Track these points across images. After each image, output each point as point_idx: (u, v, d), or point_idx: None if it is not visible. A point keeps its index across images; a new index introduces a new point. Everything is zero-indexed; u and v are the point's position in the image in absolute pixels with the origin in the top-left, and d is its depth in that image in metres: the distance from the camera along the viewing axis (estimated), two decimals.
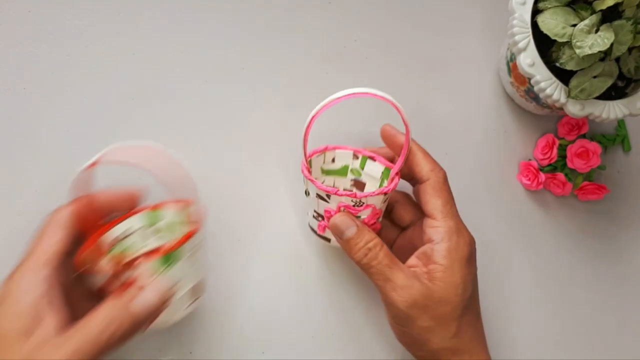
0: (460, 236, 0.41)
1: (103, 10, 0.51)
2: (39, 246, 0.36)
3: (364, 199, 0.40)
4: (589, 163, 0.50)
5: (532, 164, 0.52)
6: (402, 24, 0.54)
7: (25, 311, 0.33)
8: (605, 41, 0.40)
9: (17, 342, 0.32)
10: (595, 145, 0.50)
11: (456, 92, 0.53)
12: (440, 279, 0.40)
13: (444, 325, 0.40)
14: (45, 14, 0.51)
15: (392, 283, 0.39)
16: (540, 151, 0.52)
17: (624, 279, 0.53)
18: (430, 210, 0.42)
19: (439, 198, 0.41)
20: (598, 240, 0.53)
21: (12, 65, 0.50)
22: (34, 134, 0.49)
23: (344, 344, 0.48)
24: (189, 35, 0.51)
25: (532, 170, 0.51)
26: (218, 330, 0.48)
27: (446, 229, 0.41)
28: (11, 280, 0.34)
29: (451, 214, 0.41)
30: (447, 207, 0.41)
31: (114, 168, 0.35)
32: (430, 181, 0.42)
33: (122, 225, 0.39)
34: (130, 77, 0.50)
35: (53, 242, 0.36)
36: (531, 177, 0.51)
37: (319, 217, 0.44)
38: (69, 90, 0.50)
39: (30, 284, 0.34)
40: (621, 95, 0.45)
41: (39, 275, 0.34)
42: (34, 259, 0.35)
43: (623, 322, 0.52)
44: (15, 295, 0.33)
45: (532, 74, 0.44)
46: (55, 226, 0.36)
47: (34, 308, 0.33)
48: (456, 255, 0.40)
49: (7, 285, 0.34)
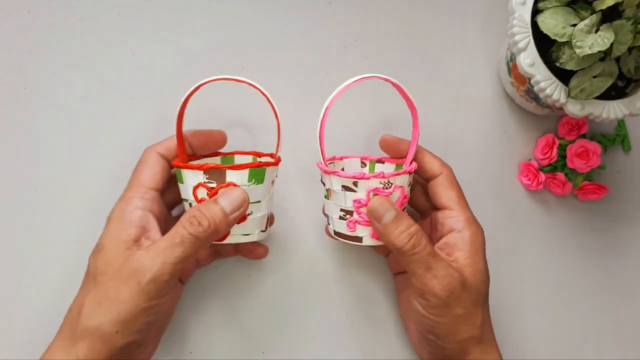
0: (477, 226, 0.42)
1: (103, 11, 0.51)
2: (139, 177, 0.42)
3: (392, 178, 0.40)
4: (588, 163, 0.50)
5: (532, 164, 0.52)
6: (402, 24, 0.54)
7: (133, 224, 0.39)
8: (605, 41, 0.40)
9: (130, 249, 0.38)
10: (595, 145, 0.50)
11: (456, 92, 0.53)
12: (469, 265, 0.40)
13: (473, 313, 0.40)
14: (46, 14, 0.51)
15: (434, 271, 0.39)
16: (540, 151, 0.52)
17: (624, 279, 0.53)
18: (446, 202, 0.43)
19: (453, 190, 0.43)
20: (598, 240, 0.53)
21: (12, 65, 0.50)
22: (33, 133, 0.49)
23: (344, 343, 0.48)
24: (189, 36, 0.51)
25: (532, 170, 0.51)
26: (218, 330, 0.48)
27: (465, 217, 0.42)
28: (119, 204, 0.41)
29: (466, 205, 0.43)
30: (462, 199, 0.43)
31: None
32: (443, 175, 0.43)
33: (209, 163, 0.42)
34: (130, 77, 0.50)
35: (152, 174, 0.42)
36: (531, 177, 0.51)
37: (346, 214, 0.42)
38: (69, 90, 0.50)
39: (136, 204, 0.40)
40: (621, 95, 0.45)
41: (144, 198, 0.41)
42: (136, 187, 0.41)
43: (623, 322, 0.52)
44: (124, 213, 0.40)
45: (532, 74, 0.44)
46: (151, 161, 0.42)
47: (140, 222, 0.40)
48: (477, 243, 0.41)
49: (116, 207, 0.41)
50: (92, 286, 0.38)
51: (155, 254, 0.37)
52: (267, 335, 0.48)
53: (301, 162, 0.50)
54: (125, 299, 0.36)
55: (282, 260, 0.49)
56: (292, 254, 0.49)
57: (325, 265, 0.49)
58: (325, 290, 0.49)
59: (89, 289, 0.38)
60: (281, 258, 0.49)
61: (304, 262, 0.49)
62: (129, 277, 0.36)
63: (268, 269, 0.49)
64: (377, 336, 0.49)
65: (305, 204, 0.50)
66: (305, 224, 0.49)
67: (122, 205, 0.40)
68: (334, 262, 0.49)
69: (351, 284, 0.49)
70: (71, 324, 0.37)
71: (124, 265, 0.37)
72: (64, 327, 0.38)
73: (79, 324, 0.37)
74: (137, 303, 0.36)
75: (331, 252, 0.49)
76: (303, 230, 0.49)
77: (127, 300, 0.36)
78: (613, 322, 0.52)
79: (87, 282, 0.39)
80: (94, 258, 0.39)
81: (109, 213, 0.41)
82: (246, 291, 0.48)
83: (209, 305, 0.48)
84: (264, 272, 0.49)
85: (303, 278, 0.49)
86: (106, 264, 0.38)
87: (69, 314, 0.38)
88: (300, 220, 0.50)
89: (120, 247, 0.38)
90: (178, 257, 0.37)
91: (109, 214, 0.41)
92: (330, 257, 0.49)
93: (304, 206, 0.50)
